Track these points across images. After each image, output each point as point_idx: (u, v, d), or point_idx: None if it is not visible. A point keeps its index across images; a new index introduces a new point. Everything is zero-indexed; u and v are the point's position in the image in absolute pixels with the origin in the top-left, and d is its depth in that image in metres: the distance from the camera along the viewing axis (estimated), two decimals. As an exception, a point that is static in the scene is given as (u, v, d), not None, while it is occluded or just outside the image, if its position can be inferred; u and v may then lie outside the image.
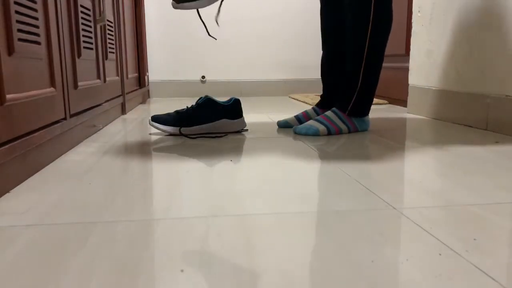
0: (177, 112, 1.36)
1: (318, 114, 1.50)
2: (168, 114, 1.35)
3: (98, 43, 1.43)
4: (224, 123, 1.36)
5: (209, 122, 1.34)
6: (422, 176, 0.85)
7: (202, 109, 1.35)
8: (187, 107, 1.38)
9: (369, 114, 1.84)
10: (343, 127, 1.35)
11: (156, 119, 1.34)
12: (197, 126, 1.34)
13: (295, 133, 1.35)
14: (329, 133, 1.33)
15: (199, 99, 1.38)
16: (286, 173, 0.88)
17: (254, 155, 1.05)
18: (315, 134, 1.32)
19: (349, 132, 1.37)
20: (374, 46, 1.32)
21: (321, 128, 1.32)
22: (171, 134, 1.34)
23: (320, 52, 2.88)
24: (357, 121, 1.38)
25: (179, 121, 1.33)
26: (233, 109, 1.37)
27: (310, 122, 1.35)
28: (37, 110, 0.89)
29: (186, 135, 1.32)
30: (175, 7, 1.18)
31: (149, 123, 1.35)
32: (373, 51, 1.32)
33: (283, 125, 1.49)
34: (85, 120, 1.24)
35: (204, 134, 1.34)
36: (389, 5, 1.32)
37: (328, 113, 1.38)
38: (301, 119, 1.50)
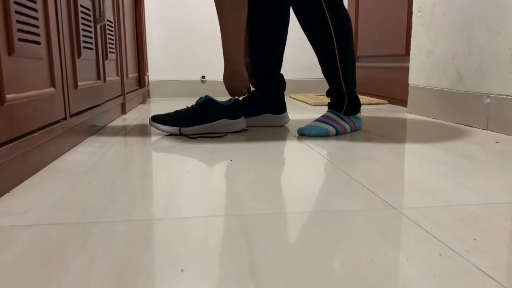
0: (177, 112, 1.36)
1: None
2: (168, 114, 1.36)
3: (98, 43, 1.43)
4: (224, 123, 1.36)
5: (209, 122, 1.34)
6: (422, 176, 0.85)
7: (202, 109, 1.35)
8: (187, 107, 1.38)
9: (370, 114, 1.84)
10: (347, 126, 1.35)
11: (156, 119, 1.34)
12: (197, 126, 1.34)
13: (302, 134, 1.32)
14: (337, 133, 1.33)
15: (199, 99, 1.38)
16: (286, 173, 0.88)
17: (254, 155, 1.05)
18: (326, 135, 1.31)
19: (351, 130, 1.38)
20: (343, 51, 1.32)
21: (330, 129, 1.31)
22: (171, 134, 1.34)
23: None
24: (354, 119, 1.38)
25: (179, 121, 1.33)
26: (233, 109, 1.37)
27: (315, 123, 1.34)
28: (37, 110, 0.89)
29: (186, 135, 1.32)
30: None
31: (149, 123, 1.35)
32: (344, 55, 1.33)
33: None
34: (85, 120, 1.24)
35: (204, 134, 1.34)
36: (341, 5, 1.32)
37: (328, 113, 1.37)
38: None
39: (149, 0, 2.74)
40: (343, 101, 1.36)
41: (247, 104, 1.49)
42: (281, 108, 1.52)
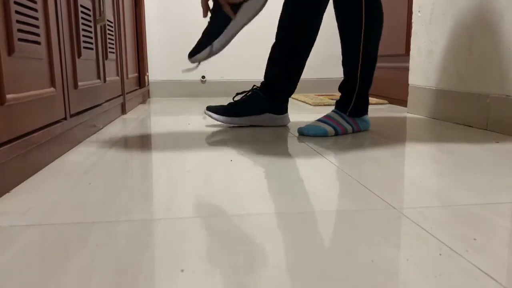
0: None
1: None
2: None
3: (98, 43, 1.43)
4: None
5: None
6: (422, 176, 0.85)
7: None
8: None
9: (370, 114, 1.84)
10: (348, 127, 1.35)
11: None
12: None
13: (302, 134, 1.33)
14: (336, 133, 1.33)
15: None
16: (286, 173, 0.88)
17: (254, 155, 1.05)
18: (324, 135, 1.31)
19: (353, 131, 1.37)
20: (368, 47, 1.32)
21: (329, 129, 1.32)
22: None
23: (319, 52, 2.88)
24: (359, 121, 1.38)
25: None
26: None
27: (315, 122, 1.34)
28: (37, 110, 0.89)
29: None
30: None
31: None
32: (367, 51, 1.32)
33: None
34: (85, 120, 1.24)
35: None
36: (379, 2, 1.32)
37: (331, 113, 1.38)
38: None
39: (149, 0, 2.74)
40: (350, 100, 1.36)
41: (248, 103, 1.49)
42: (283, 109, 1.53)
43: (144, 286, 0.44)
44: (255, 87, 1.51)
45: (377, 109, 2.05)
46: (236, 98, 1.54)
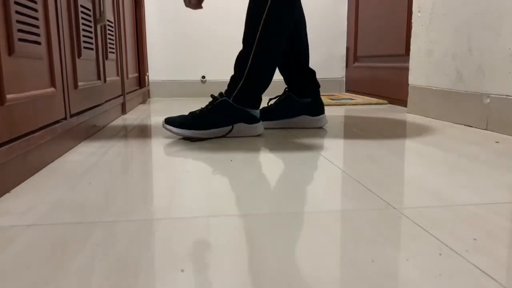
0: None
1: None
2: (183, 117, 1.37)
3: (98, 43, 1.43)
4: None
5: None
6: (422, 176, 0.85)
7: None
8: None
9: (370, 114, 1.84)
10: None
11: (169, 122, 1.36)
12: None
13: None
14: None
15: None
16: (286, 173, 0.88)
17: (254, 155, 1.05)
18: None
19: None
20: (265, 35, 1.30)
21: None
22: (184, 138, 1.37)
23: (319, 53, 2.88)
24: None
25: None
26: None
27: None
28: (37, 110, 0.89)
29: (192, 139, 1.27)
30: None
31: (162, 126, 1.38)
32: (263, 39, 1.30)
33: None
34: (85, 120, 1.24)
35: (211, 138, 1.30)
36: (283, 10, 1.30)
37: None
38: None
39: (149, 0, 2.74)
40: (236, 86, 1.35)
41: (282, 106, 1.46)
42: (318, 110, 1.47)
43: (144, 286, 0.44)
44: (287, 89, 1.48)
45: (377, 109, 2.05)
46: (271, 103, 1.50)
